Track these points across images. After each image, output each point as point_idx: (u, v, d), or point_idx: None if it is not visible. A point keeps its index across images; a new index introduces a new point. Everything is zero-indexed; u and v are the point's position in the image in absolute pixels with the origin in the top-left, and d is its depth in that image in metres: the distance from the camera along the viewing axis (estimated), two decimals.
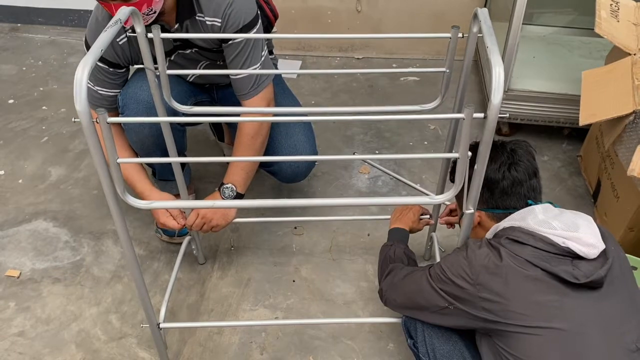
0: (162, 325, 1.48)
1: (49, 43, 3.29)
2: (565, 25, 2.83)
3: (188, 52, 1.69)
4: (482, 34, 1.06)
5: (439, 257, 1.73)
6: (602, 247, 1.13)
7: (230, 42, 1.59)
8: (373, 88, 2.85)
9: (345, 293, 1.84)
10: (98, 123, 0.97)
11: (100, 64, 1.62)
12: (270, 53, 1.95)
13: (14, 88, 2.87)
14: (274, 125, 1.82)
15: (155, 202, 1.57)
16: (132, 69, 1.74)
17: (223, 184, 1.69)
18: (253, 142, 1.69)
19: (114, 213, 1.14)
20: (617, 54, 1.91)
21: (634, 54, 1.83)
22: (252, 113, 1.69)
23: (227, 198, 1.67)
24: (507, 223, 1.23)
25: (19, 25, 3.45)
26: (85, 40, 1.63)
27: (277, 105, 1.80)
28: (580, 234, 1.13)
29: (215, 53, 1.70)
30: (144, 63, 1.29)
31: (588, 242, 1.12)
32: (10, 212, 2.15)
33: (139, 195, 1.68)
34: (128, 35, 1.56)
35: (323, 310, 1.79)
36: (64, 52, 3.18)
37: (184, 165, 1.99)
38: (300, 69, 2.99)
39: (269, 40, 1.97)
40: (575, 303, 1.10)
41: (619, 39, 1.89)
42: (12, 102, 2.77)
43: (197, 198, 2.15)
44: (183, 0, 1.54)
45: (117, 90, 1.70)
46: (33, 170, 2.35)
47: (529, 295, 1.11)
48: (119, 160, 1.03)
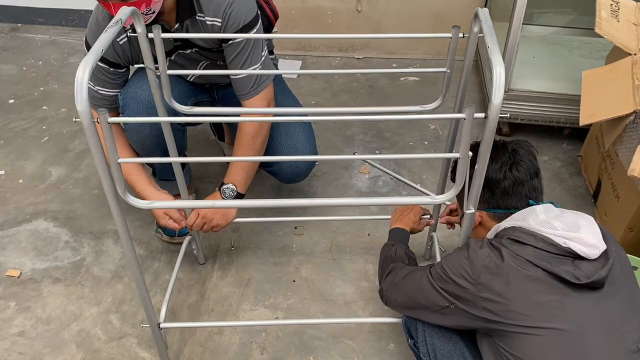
0: (162, 325, 1.48)
1: (49, 43, 3.29)
2: (566, 25, 2.83)
3: (188, 52, 1.69)
4: (482, 34, 1.06)
5: (440, 257, 1.73)
6: (603, 247, 1.13)
7: (231, 42, 1.59)
8: (373, 88, 2.85)
9: (346, 293, 1.84)
10: (99, 123, 0.97)
11: (101, 64, 1.62)
12: (271, 53, 1.95)
13: (14, 88, 2.87)
14: (274, 126, 1.82)
15: (156, 202, 1.57)
16: (132, 69, 1.74)
17: (223, 184, 1.69)
18: (253, 142, 1.69)
19: (115, 213, 1.14)
20: (617, 54, 1.91)
21: (634, 54, 1.83)
22: (252, 113, 1.69)
23: (227, 198, 1.67)
24: (508, 223, 1.23)
25: (19, 25, 3.45)
26: (86, 40, 1.63)
27: (277, 106, 1.80)
28: (582, 235, 1.13)
29: (216, 53, 1.70)
30: (145, 63, 1.29)
31: (589, 242, 1.12)
32: (11, 212, 2.15)
33: (139, 195, 1.68)
34: (128, 35, 1.56)
35: (323, 310, 1.79)
36: (64, 52, 3.18)
37: (184, 165, 1.99)
38: (301, 69, 2.99)
39: (270, 41, 1.97)
40: (576, 303, 1.10)
41: (619, 39, 1.89)
42: (12, 102, 2.77)
43: (197, 198, 2.15)
44: (183, 0, 1.54)
45: (117, 90, 1.70)
46: (33, 170, 2.35)
47: (530, 296, 1.11)
48: (120, 160, 1.03)
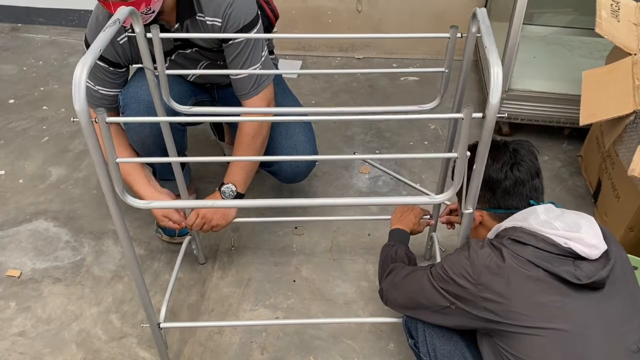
0: (162, 325, 1.48)
1: (50, 43, 3.29)
2: (566, 25, 2.83)
3: (188, 51, 1.69)
4: (480, 34, 1.06)
5: (440, 257, 1.73)
6: (604, 247, 1.13)
7: (231, 42, 1.59)
8: (373, 88, 2.85)
9: (346, 293, 1.84)
10: (97, 123, 0.97)
11: (101, 64, 1.62)
12: (271, 53, 1.95)
13: (15, 88, 2.87)
14: (274, 125, 1.82)
15: (153, 202, 1.56)
16: (132, 69, 1.74)
17: (223, 184, 1.69)
18: (253, 142, 1.69)
19: (113, 213, 1.14)
20: (617, 54, 1.91)
21: (635, 54, 1.83)
22: (252, 113, 1.69)
23: (227, 198, 1.67)
24: (509, 223, 1.23)
25: (20, 25, 3.45)
26: (86, 40, 1.63)
27: (277, 105, 1.80)
28: (582, 235, 1.12)
29: (216, 53, 1.70)
30: (143, 63, 1.29)
31: (590, 242, 1.12)
32: (11, 212, 2.15)
33: (137, 195, 1.68)
34: (128, 35, 1.56)
35: (323, 310, 1.79)
36: (65, 52, 3.18)
37: (185, 165, 1.99)
38: (301, 69, 2.99)
39: (270, 41, 1.96)
40: (577, 304, 1.10)
41: (620, 39, 1.89)
42: (12, 102, 2.77)
43: (197, 198, 2.15)
44: (183, 0, 1.54)
45: (117, 90, 1.70)
46: (33, 170, 2.35)
47: (531, 296, 1.11)
48: (118, 160, 1.03)
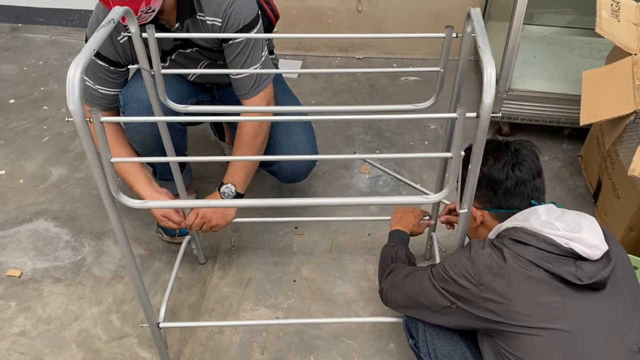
0: (161, 325, 1.48)
1: (50, 43, 3.29)
2: (566, 25, 2.83)
3: (189, 51, 1.69)
4: (475, 34, 1.07)
5: (439, 257, 1.73)
6: (605, 248, 1.13)
7: (231, 42, 1.59)
8: (374, 88, 2.85)
9: (346, 293, 1.84)
10: (91, 122, 0.97)
11: (101, 63, 1.62)
12: (271, 53, 1.94)
13: (15, 88, 2.87)
14: (274, 125, 1.82)
15: (148, 202, 1.54)
16: (132, 69, 1.74)
17: (223, 184, 1.68)
18: (253, 142, 1.69)
19: (110, 212, 1.14)
20: (617, 54, 1.91)
21: (635, 54, 1.83)
22: (251, 113, 1.69)
23: (226, 198, 1.67)
24: (510, 223, 1.23)
25: (20, 25, 3.46)
26: (86, 39, 1.63)
27: (277, 105, 1.80)
28: (583, 235, 1.12)
29: (216, 53, 1.70)
30: (140, 63, 1.29)
31: (591, 243, 1.12)
32: (11, 212, 2.15)
33: (138, 195, 1.67)
34: (125, 35, 1.56)
35: (324, 310, 1.79)
36: (65, 52, 3.18)
37: (185, 165, 1.99)
38: (301, 70, 2.99)
39: (270, 41, 1.96)
40: (578, 304, 1.10)
41: (620, 39, 1.89)
42: (13, 102, 2.77)
43: (197, 197, 2.15)
44: (183, 0, 1.54)
45: (117, 90, 1.70)
46: (34, 170, 2.35)
47: (532, 296, 1.11)
48: (113, 160, 1.03)
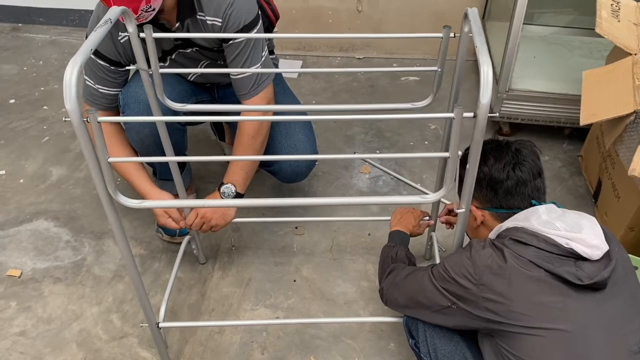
0: (161, 325, 1.48)
1: (50, 43, 3.29)
2: (566, 25, 2.83)
3: (189, 51, 1.69)
4: (472, 34, 1.07)
5: (439, 256, 1.73)
6: (605, 248, 1.13)
7: (231, 42, 1.59)
8: (374, 88, 2.85)
9: (346, 293, 1.84)
10: (89, 122, 0.97)
11: (102, 62, 1.62)
12: (271, 53, 1.94)
13: (15, 88, 2.87)
14: (274, 125, 1.82)
15: (146, 201, 1.55)
16: (133, 69, 1.74)
17: (223, 184, 1.68)
18: (253, 142, 1.69)
19: (108, 212, 1.14)
20: (617, 54, 1.91)
21: (635, 54, 1.83)
22: (251, 112, 1.69)
23: (226, 198, 1.67)
24: (510, 223, 1.23)
25: (20, 25, 3.46)
26: (86, 38, 1.63)
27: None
28: (584, 235, 1.12)
29: (216, 52, 1.70)
30: (137, 62, 1.29)
31: (591, 243, 1.11)
32: (11, 211, 2.15)
33: (140, 194, 1.68)
34: (125, 35, 1.56)
35: (324, 310, 1.79)
36: (65, 52, 3.18)
37: (185, 165, 1.99)
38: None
39: (270, 41, 1.96)
40: (579, 304, 1.10)
41: (620, 39, 1.89)
42: (13, 102, 2.77)
43: (197, 197, 2.15)
44: None
45: (117, 89, 1.70)
46: (34, 170, 2.35)
47: (532, 296, 1.11)
48: (110, 160, 1.04)
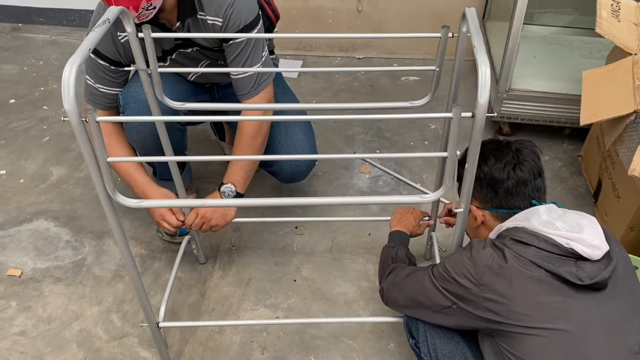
0: (161, 325, 1.48)
1: (50, 43, 3.29)
2: (566, 25, 2.83)
3: (189, 50, 1.69)
4: (470, 34, 1.07)
5: (439, 256, 1.73)
6: (606, 248, 1.12)
7: (231, 42, 1.59)
8: (374, 88, 2.85)
9: (346, 292, 1.84)
10: (87, 122, 0.97)
11: (102, 62, 1.62)
12: (272, 53, 1.94)
13: (15, 88, 2.87)
14: (274, 125, 1.82)
15: (145, 201, 1.54)
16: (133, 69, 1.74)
17: (223, 184, 1.68)
18: (253, 142, 1.69)
19: (107, 211, 1.15)
20: (617, 54, 1.91)
21: (635, 54, 1.83)
22: (251, 112, 1.68)
23: (226, 198, 1.67)
24: (511, 223, 1.23)
25: (20, 25, 3.46)
26: None
27: None
28: (584, 235, 1.12)
29: (217, 52, 1.70)
30: (136, 62, 1.29)
31: (592, 243, 1.11)
32: (12, 211, 2.15)
33: (141, 194, 1.68)
34: (126, 35, 1.56)
35: (324, 310, 1.79)
36: (65, 52, 3.18)
37: (185, 165, 1.99)
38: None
39: (270, 41, 1.96)
40: (579, 304, 1.10)
41: (620, 39, 1.89)
42: (13, 102, 2.77)
43: (197, 197, 2.15)
44: None
45: (118, 89, 1.70)
46: (34, 170, 2.35)
47: (533, 296, 1.11)
48: (109, 159, 1.04)
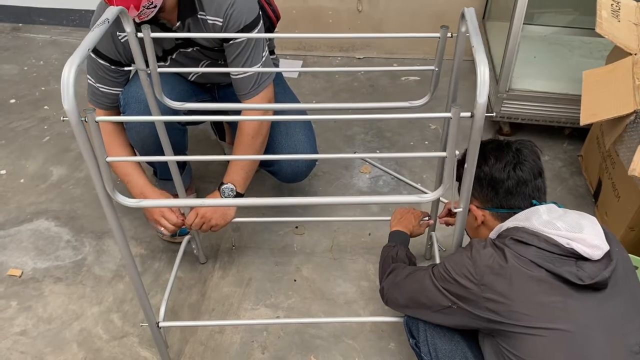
0: (161, 325, 1.48)
1: (50, 43, 3.29)
2: (566, 25, 2.83)
3: (190, 50, 1.69)
4: (469, 34, 1.07)
5: (439, 256, 1.73)
6: (606, 248, 1.12)
7: (231, 42, 1.59)
8: (374, 88, 2.85)
9: (347, 292, 1.84)
10: (86, 122, 0.97)
11: (102, 62, 1.62)
12: (272, 53, 1.94)
13: (16, 88, 2.87)
14: (274, 125, 1.82)
15: (144, 200, 1.54)
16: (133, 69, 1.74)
17: (223, 184, 1.68)
18: (253, 142, 1.69)
19: (107, 211, 1.15)
20: (617, 54, 1.91)
21: (635, 54, 1.83)
22: (251, 112, 1.69)
23: (227, 197, 1.67)
24: (511, 223, 1.23)
25: (21, 25, 3.46)
26: None
27: None
28: (585, 235, 1.12)
29: (217, 52, 1.70)
30: (135, 62, 1.29)
31: (592, 243, 1.11)
32: (12, 211, 2.15)
33: (139, 196, 1.67)
34: (126, 34, 1.56)
35: (324, 310, 1.79)
36: (65, 52, 3.18)
37: (185, 165, 1.99)
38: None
39: (271, 41, 1.96)
40: (579, 304, 1.10)
41: (620, 39, 1.89)
42: (13, 101, 2.77)
43: (197, 197, 2.15)
44: None
45: (118, 89, 1.70)
46: (34, 170, 2.35)
47: (533, 296, 1.11)
48: (108, 159, 1.04)
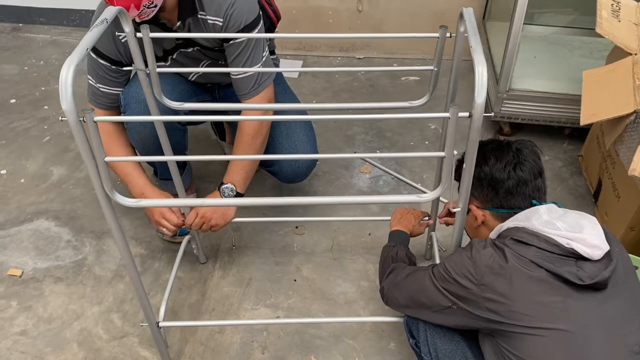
0: (161, 324, 1.48)
1: (51, 43, 3.29)
2: (566, 25, 2.83)
3: (190, 50, 1.69)
4: (467, 34, 1.07)
5: (439, 256, 1.73)
6: (606, 248, 1.12)
7: (232, 42, 1.59)
8: (374, 88, 2.85)
9: (347, 292, 1.84)
10: (85, 122, 0.97)
11: (102, 62, 1.62)
12: (272, 53, 1.94)
13: (16, 88, 2.87)
14: (274, 125, 1.82)
15: (144, 200, 1.53)
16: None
17: (223, 184, 1.68)
18: (253, 142, 1.69)
19: (106, 211, 1.15)
20: (618, 54, 1.92)
21: (635, 54, 1.83)
22: (251, 112, 1.69)
23: (227, 197, 1.67)
24: (511, 223, 1.23)
25: (21, 25, 3.46)
26: None
27: None
28: (585, 235, 1.12)
29: (217, 52, 1.70)
30: (135, 62, 1.29)
31: (592, 243, 1.11)
32: (12, 211, 2.15)
33: (139, 196, 1.67)
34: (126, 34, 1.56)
35: (324, 310, 1.79)
36: (66, 52, 3.18)
37: (185, 165, 1.99)
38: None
39: (271, 41, 1.96)
40: (579, 304, 1.10)
41: (620, 39, 1.89)
42: (13, 101, 2.77)
43: (197, 197, 2.15)
44: None
45: (119, 89, 1.70)
46: (35, 170, 2.35)
47: (533, 296, 1.11)
48: (107, 159, 1.04)
